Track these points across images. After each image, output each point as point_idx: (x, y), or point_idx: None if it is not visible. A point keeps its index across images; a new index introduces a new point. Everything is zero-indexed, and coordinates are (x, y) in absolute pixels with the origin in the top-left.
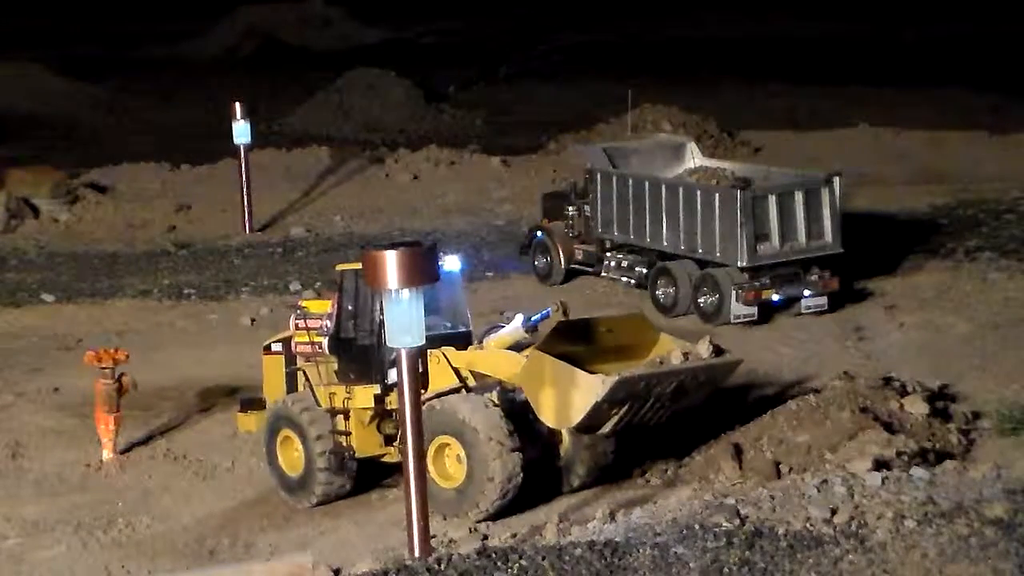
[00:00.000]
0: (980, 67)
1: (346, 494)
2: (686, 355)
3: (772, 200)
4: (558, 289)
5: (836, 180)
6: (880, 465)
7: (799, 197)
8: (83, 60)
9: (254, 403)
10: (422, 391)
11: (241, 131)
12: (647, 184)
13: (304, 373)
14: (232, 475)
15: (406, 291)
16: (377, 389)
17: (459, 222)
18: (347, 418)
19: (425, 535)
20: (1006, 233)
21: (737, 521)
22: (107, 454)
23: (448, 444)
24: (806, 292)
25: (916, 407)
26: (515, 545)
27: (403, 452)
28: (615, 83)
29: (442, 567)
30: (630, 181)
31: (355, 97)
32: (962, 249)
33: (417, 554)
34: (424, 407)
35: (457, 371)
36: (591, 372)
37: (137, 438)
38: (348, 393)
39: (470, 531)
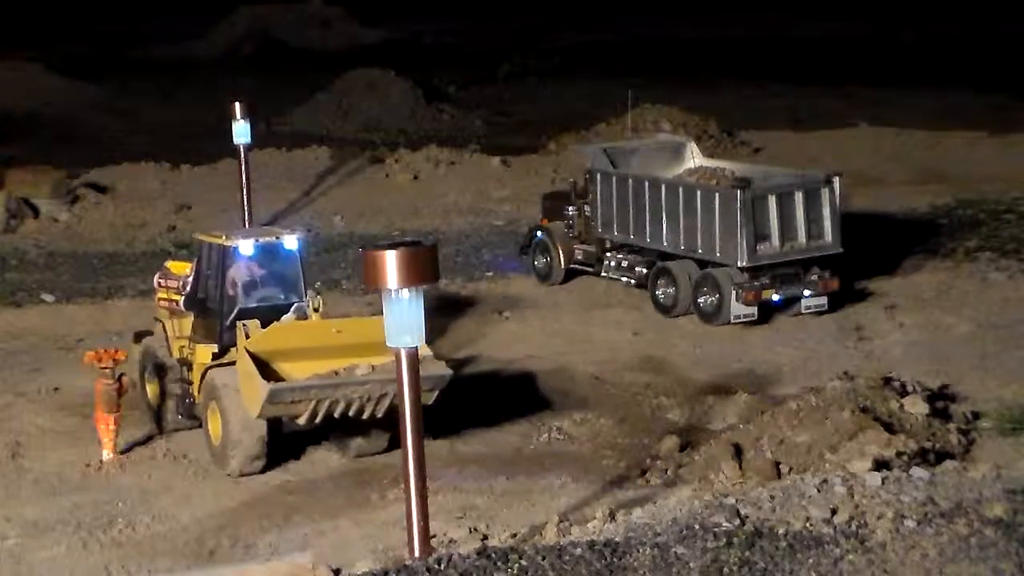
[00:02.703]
0: (980, 67)
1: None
2: (375, 366)
3: (772, 200)
4: (558, 289)
5: (836, 180)
6: (880, 465)
7: (799, 197)
8: (83, 60)
9: (146, 336)
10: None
11: (241, 131)
12: (647, 184)
13: (163, 325)
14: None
15: (406, 291)
16: (215, 348)
17: (459, 222)
18: (190, 370)
19: (425, 535)
20: (1006, 233)
21: (737, 521)
22: (107, 454)
23: (213, 408)
24: (806, 292)
25: (916, 407)
26: (515, 545)
27: (403, 453)
28: (615, 83)
29: (442, 567)
30: (630, 181)
31: (355, 97)
32: (962, 249)
33: (417, 554)
34: (209, 372)
35: None
36: (285, 373)
37: (137, 438)
38: (191, 349)
39: (470, 531)
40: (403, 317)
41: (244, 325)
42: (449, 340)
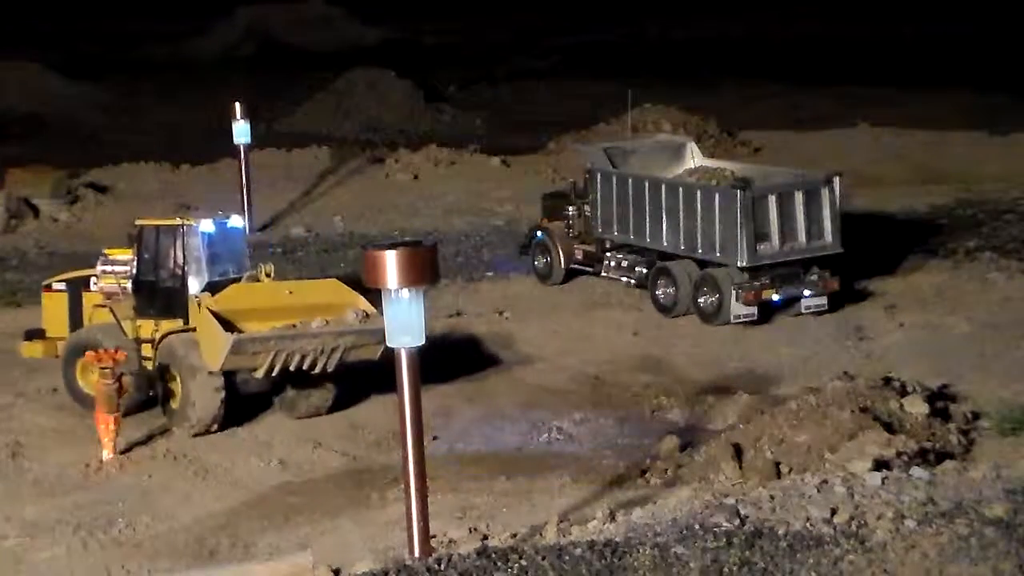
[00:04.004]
0: (980, 67)
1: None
2: (328, 320)
3: (772, 200)
4: (558, 289)
5: (836, 180)
6: (880, 465)
7: (799, 197)
8: (83, 60)
9: (36, 334)
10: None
11: (241, 131)
12: (647, 184)
13: (111, 309)
14: (232, 475)
15: (406, 291)
16: (180, 323)
17: (459, 222)
18: (154, 346)
19: (425, 535)
20: (1006, 233)
21: (737, 521)
22: (107, 454)
23: (172, 372)
24: (806, 292)
25: (916, 407)
26: (515, 545)
27: (403, 453)
28: (615, 83)
29: (442, 567)
30: (630, 181)
31: (355, 97)
32: (962, 249)
33: (417, 554)
34: (164, 340)
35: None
36: (238, 329)
37: (137, 438)
38: (156, 326)
39: (470, 531)
40: (403, 317)
41: (196, 297)
42: (449, 340)
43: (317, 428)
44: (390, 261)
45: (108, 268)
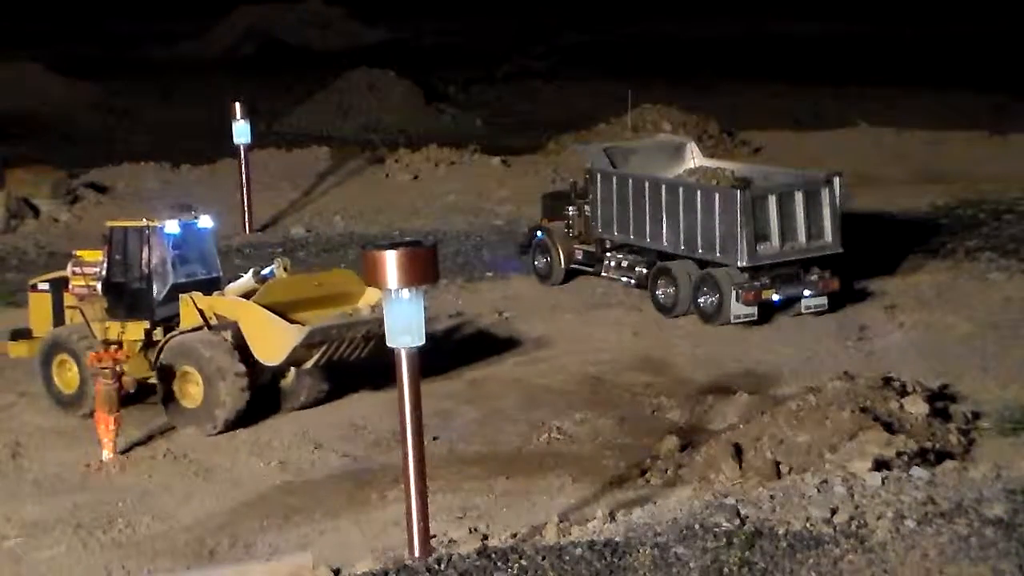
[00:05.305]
0: (981, 67)
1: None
2: (374, 307)
3: (772, 200)
4: (558, 289)
5: (836, 180)
6: (880, 465)
7: (799, 197)
8: (83, 60)
9: (22, 333)
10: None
11: (241, 131)
12: (647, 184)
13: (81, 311)
14: (232, 475)
15: (406, 291)
16: (147, 324)
17: (459, 222)
18: (120, 347)
19: (425, 535)
20: (1006, 233)
21: (737, 521)
22: (107, 454)
23: (190, 372)
24: (806, 292)
25: (916, 407)
26: (515, 545)
27: (403, 453)
28: (615, 83)
29: (442, 567)
30: (630, 181)
31: (355, 97)
32: (962, 249)
33: (417, 554)
34: (172, 341)
35: (202, 312)
36: (295, 321)
37: (137, 438)
38: (122, 328)
39: (470, 531)
40: (403, 317)
41: (191, 296)
42: (449, 340)
43: (317, 428)
44: (390, 261)
45: (78, 270)
